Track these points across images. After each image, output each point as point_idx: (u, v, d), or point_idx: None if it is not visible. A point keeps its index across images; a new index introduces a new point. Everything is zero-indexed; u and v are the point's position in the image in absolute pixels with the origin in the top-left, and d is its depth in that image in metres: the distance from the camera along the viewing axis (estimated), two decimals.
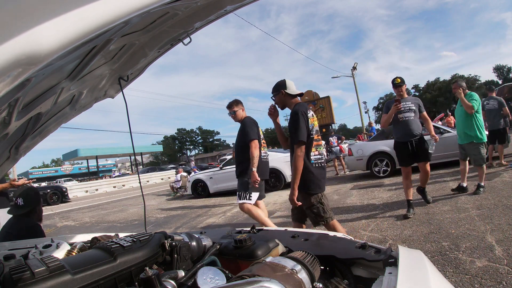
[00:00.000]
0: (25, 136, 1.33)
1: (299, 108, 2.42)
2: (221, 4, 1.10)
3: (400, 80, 4.03)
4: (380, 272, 0.85)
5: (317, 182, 2.43)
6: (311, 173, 2.42)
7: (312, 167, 2.42)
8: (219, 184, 9.48)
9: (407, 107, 3.97)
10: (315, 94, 24.52)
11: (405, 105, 3.96)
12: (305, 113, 2.39)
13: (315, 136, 2.46)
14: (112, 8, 0.47)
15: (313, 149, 2.46)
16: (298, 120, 2.37)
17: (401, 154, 4.06)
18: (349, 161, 8.43)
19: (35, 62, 0.40)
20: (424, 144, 3.94)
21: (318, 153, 2.48)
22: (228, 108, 3.75)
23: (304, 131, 2.35)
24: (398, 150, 4.10)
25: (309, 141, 2.43)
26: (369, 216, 4.29)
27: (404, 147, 3.98)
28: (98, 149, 36.41)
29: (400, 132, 4.04)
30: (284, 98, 2.54)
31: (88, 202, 13.85)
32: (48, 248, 1.21)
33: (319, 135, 2.53)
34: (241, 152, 3.56)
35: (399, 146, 4.06)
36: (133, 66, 1.37)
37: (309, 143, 2.43)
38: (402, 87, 4.03)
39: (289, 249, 1.06)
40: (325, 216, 2.44)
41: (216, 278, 0.79)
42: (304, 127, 2.36)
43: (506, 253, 2.44)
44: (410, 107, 3.98)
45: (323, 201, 2.46)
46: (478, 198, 4.11)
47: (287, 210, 5.68)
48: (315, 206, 2.44)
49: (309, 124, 2.41)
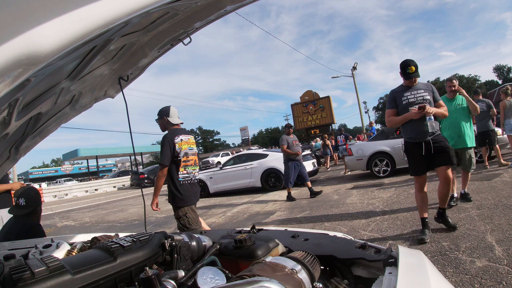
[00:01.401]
0: (25, 136, 1.33)
1: (168, 135, 2.88)
2: (221, 4, 1.10)
3: (415, 68, 2.99)
4: (380, 272, 0.85)
5: (183, 197, 2.85)
6: (177, 189, 2.85)
7: (179, 185, 2.85)
8: (219, 184, 9.48)
9: (420, 97, 3.01)
10: (315, 94, 24.52)
11: (417, 94, 3.02)
12: (171, 140, 2.83)
13: (183, 158, 2.87)
14: (112, 8, 0.47)
15: (182, 169, 2.88)
16: (163, 146, 2.83)
17: (414, 159, 3.10)
18: (349, 161, 8.43)
19: (35, 63, 0.40)
20: (444, 143, 3.01)
21: (186, 172, 2.91)
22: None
23: (166, 155, 2.80)
24: (411, 153, 3.14)
25: (177, 163, 2.85)
26: (369, 216, 4.29)
27: (417, 149, 3.03)
28: (98, 149, 36.38)
29: (411, 130, 3.06)
30: (166, 124, 2.99)
31: (88, 202, 13.85)
32: (48, 248, 1.21)
33: (189, 156, 2.93)
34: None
35: (412, 148, 3.10)
36: (133, 66, 1.37)
37: (177, 164, 2.86)
38: (417, 78, 3.03)
39: (289, 249, 1.06)
40: (190, 228, 2.79)
41: (216, 278, 0.79)
42: (168, 152, 2.80)
43: (506, 253, 2.44)
44: (424, 97, 3.00)
45: (189, 215, 2.87)
46: (478, 198, 4.11)
47: (287, 210, 5.68)
48: (182, 218, 2.89)
49: (177, 148, 2.83)
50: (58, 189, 20.05)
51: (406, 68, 3.01)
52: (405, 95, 3.06)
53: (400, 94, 3.09)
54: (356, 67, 23.57)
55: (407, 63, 3.01)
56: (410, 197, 4.96)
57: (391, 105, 3.16)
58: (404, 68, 3.02)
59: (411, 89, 3.04)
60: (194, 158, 3.02)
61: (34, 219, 2.39)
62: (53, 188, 20.87)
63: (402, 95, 3.07)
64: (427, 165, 3.05)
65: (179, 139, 2.87)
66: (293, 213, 5.34)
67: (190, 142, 2.98)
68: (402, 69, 3.05)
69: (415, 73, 2.98)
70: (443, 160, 2.97)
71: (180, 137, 2.89)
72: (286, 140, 6.66)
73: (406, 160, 3.26)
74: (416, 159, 3.08)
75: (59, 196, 18.82)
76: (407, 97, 3.04)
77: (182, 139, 2.90)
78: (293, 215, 5.22)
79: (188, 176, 2.92)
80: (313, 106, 24.13)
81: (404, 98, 3.05)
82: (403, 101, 3.06)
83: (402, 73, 3.06)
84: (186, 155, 2.90)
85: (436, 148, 2.96)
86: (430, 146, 2.97)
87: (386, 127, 9.19)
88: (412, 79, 3.01)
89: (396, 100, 3.13)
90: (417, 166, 3.08)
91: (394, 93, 3.16)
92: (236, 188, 9.17)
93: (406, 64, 3.01)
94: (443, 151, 2.96)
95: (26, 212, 2.31)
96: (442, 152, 2.96)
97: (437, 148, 2.96)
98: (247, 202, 7.46)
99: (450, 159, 2.96)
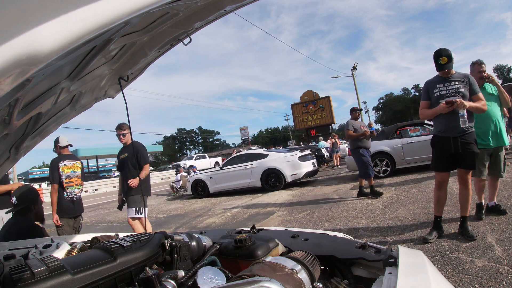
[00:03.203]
0: (25, 136, 1.33)
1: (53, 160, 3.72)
2: (221, 4, 1.10)
3: (447, 58, 2.79)
4: (380, 272, 0.85)
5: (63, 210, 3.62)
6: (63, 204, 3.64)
7: (64, 200, 3.64)
8: (219, 184, 9.48)
9: (453, 89, 2.82)
10: (315, 94, 24.53)
11: (450, 87, 2.84)
12: (56, 165, 3.65)
13: (65, 180, 3.67)
14: (112, 8, 0.47)
15: (66, 189, 3.66)
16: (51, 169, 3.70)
17: (439, 154, 2.96)
18: (349, 161, 8.43)
19: (36, 63, 0.40)
20: (472, 146, 2.82)
21: (69, 191, 3.68)
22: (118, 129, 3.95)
23: (54, 177, 3.62)
24: (436, 147, 2.99)
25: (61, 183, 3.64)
26: (369, 216, 4.29)
27: (445, 144, 2.88)
28: (98, 149, 36.36)
29: (441, 124, 2.90)
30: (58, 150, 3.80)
31: (88, 202, 13.85)
32: (48, 248, 1.21)
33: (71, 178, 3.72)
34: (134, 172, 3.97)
35: (439, 142, 2.95)
36: (133, 66, 1.37)
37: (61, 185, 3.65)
38: (450, 70, 2.84)
39: (289, 249, 1.06)
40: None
41: (216, 278, 0.79)
42: (55, 175, 3.63)
43: (506, 253, 2.44)
44: (458, 89, 2.81)
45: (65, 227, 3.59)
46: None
47: (287, 210, 5.68)
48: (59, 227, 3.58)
49: (60, 171, 3.65)
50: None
51: (438, 58, 2.83)
52: (438, 86, 2.90)
53: (433, 86, 2.94)
54: (356, 67, 23.57)
55: (440, 53, 2.83)
56: (410, 197, 4.97)
57: (424, 97, 3.03)
58: (436, 58, 2.84)
59: (445, 80, 2.87)
60: (77, 181, 3.80)
61: (31, 217, 2.38)
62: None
63: (435, 87, 2.93)
64: (451, 163, 2.91)
65: (63, 163, 3.69)
66: (293, 213, 5.34)
67: (74, 166, 3.79)
68: (434, 60, 2.87)
69: (447, 64, 2.80)
70: (465, 164, 2.85)
71: (65, 162, 3.70)
72: (352, 125, 5.60)
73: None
74: (441, 154, 2.94)
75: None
76: (439, 89, 2.89)
77: (66, 164, 3.71)
78: (293, 215, 5.22)
79: (70, 195, 3.69)
80: (313, 106, 24.14)
81: (436, 90, 2.91)
82: (435, 93, 2.92)
83: (435, 63, 2.89)
84: (69, 177, 3.71)
85: (463, 148, 2.81)
86: (458, 144, 2.81)
87: (386, 127, 9.20)
88: (445, 70, 2.83)
89: (429, 91, 2.98)
90: (440, 162, 2.95)
91: (427, 84, 3.02)
92: (236, 188, 9.17)
93: (438, 54, 2.84)
94: (469, 154, 2.81)
95: (18, 209, 2.33)
96: (467, 155, 2.82)
97: (464, 148, 2.81)
98: (247, 202, 7.46)
99: (472, 164, 2.84)
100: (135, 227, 3.83)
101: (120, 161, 4.03)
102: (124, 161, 3.94)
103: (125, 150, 4.00)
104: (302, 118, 24.70)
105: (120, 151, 4.10)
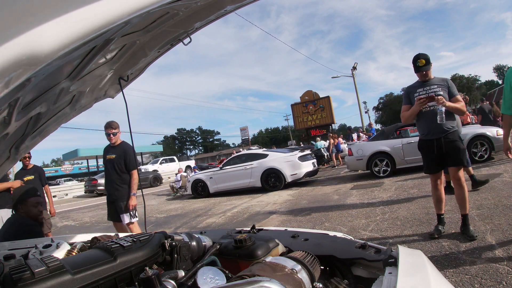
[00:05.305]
0: (25, 136, 1.33)
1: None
2: (221, 4, 1.10)
3: (425, 61, 2.91)
4: (380, 272, 0.85)
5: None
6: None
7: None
8: (219, 184, 9.48)
9: (432, 92, 2.93)
10: (315, 94, 24.50)
11: (429, 90, 2.95)
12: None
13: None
14: (112, 8, 0.47)
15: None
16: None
17: (427, 157, 3.06)
18: (349, 161, 8.43)
19: (36, 63, 0.40)
20: (456, 143, 2.90)
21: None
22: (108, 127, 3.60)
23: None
24: (423, 151, 3.10)
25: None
26: (369, 216, 4.29)
27: (429, 147, 3.00)
28: (98, 149, 36.22)
29: (423, 127, 3.03)
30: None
31: (88, 202, 13.85)
32: (48, 248, 1.21)
33: None
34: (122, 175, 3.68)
35: (424, 146, 3.08)
36: (133, 66, 1.37)
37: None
38: (428, 72, 2.96)
39: (289, 249, 1.06)
40: None
41: (216, 278, 0.79)
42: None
43: (506, 253, 2.44)
44: (437, 92, 2.91)
45: None
46: (478, 198, 4.11)
47: (287, 210, 5.68)
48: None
49: None
50: (58, 189, 20.04)
51: (416, 61, 2.95)
52: (418, 91, 3.02)
53: (413, 90, 3.06)
54: (356, 67, 23.57)
55: (417, 56, 2.97)
56: (410, 197, 4.97)
57: (405, 101, 3.15)
58: (414, 61, 2.97)
59: (425, 84, 2.99)
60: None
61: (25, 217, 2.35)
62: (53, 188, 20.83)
63: (415, 91, 3.04)
64: (440, 163, 2.99)
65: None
66: (293, 213, 5.34)
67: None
68: (413, 63, 2.99)
69: (424, 66, 2.91)
70: (452, 161, 2.91)
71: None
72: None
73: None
74: (428, 157, 3.03)
75: (59, 196, 18.82)
76: (419, 93, 3.01)
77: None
78: (293, 215, 5.22)
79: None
80: (313, 106, 24.12)
81: (417, 94, 3.02)
82: (415, 97, 3.03)
83: (413, 66, 3.00)
84: None
85: (447, 147, 2.89)
86: (442, 144, 2.90)
87: (386, 127, 9.20)
88: (423, 72, 2.94)
89: (409, 96, 3.10)
90: (430, 164, 3.04)
91: (408, 89, 3.15)
92: (236, 188, 9.17)
93: (416, 57, 2.97)
94: (454, 150, 2.88)
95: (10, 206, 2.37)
96: (453, 152, 2.89)
97: (448, 147, 2.89)
98: (247, 202, 7.46)
99: (459, 160, 2.88)
100: (133, 230, 3.71)
101: (105, 161, 3.68)
102: (109, 162, 3.61)
103: (112, 151, 3.63)
104: (302, 118, 24.68)
105: (105, 149, 3.71)
